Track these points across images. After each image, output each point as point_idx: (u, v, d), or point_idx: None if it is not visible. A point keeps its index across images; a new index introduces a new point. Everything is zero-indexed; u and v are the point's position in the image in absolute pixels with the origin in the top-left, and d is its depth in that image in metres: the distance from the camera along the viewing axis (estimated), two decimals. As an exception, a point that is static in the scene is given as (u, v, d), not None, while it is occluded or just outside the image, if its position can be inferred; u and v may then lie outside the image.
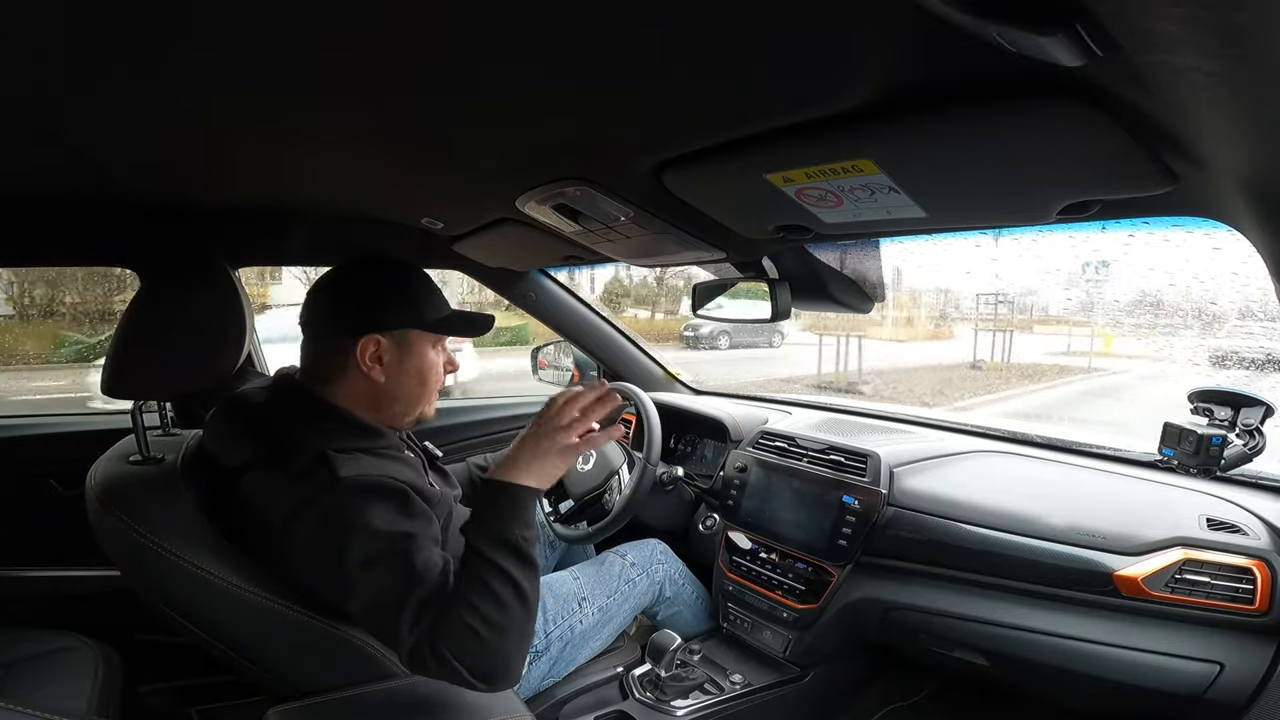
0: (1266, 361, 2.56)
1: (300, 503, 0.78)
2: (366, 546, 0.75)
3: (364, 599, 0.75)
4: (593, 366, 1.89)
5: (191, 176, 0.96)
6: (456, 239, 1.38)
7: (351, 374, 0.88)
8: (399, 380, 0.90)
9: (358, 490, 0.78)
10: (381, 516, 0.77)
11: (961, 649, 1.10)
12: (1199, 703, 0.89)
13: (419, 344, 0.91)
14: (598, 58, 0.50)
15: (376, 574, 0.75)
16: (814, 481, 1.26)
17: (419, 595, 0.73)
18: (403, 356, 0.89)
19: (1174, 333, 4.28)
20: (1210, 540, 0.92)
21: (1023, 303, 7.90)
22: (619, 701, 1.16)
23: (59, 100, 0.61)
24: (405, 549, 0.76)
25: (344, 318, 0.88)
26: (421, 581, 0.74)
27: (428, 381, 0.93)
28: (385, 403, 0.90)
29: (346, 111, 0.65)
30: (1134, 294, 5.00)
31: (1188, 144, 0.51)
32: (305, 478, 0.79)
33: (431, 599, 0.73)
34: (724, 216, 0.91)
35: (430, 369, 0.93)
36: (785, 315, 1.14)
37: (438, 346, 0.94)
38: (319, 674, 0.82)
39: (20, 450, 1.37)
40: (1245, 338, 2.69)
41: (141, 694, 1.27)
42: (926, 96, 0.52)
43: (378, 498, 0.79)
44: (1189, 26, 0.31)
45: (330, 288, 0.90)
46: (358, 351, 0.86)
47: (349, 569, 0.75)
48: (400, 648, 0.73)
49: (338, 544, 0.76)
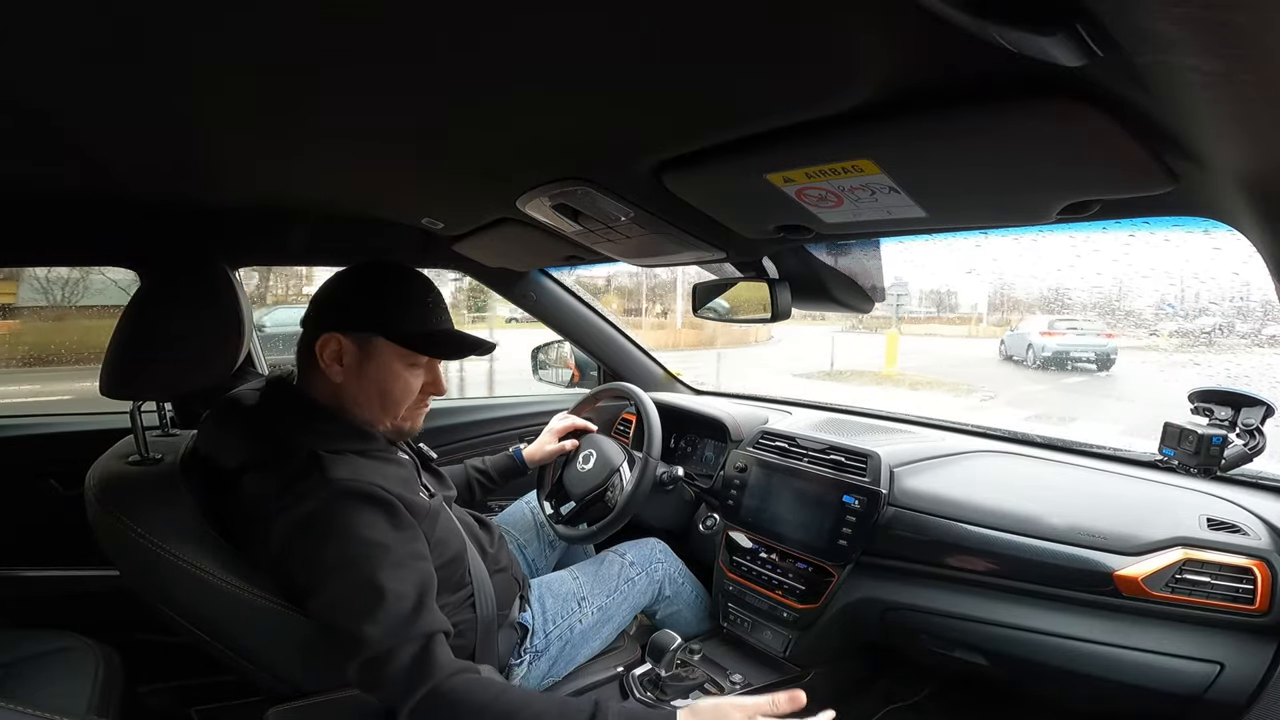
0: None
1: (289, 501, 0.78)
2: (342, 550, 0.75)
3: (325, 599, 0.75)
4: (593, 366, 1.90)
5: (191, 176, 0.96)
6: (457, 239, 1.38)
7: (315, 371, 0.87)
8: (356, 385, 0.87)
9: (344, 494, 0.78)
10: (364, 524, 0.77)
11: (961, 649, 1.10)
12: (1199, 703, 0.89)
13: (384, 354, 0.87)
14: (598, 58, 0.50)
15: (345, 579, 0.75)
16: (814, 481, 1.26)
17: (383, 610, 0.73)
18: (363, 361, 0.87)
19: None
20: (1210, 540, 0.92)
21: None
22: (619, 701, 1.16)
23: (59, 100, 0.61)
24: (379, 561, 0.75)
25: (315, 312, 0.89)
26: (384, 598, 0.73)
27: (390, 394, 0.88)
28: (348, 405, 0.88)
29: (347, 112, 0.65)
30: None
31: (1188, 144, 0.51)
32: (298, 478, 0.80)
33: (394, 621, 0.73)
34: (724, 216, 0.91)
35: (394, 383, 0.88)
36: (785, 315, 1.14)
37: (414, 367, 0.89)
38: (319, 674, 0.82)
39: (20, 450, 1.37)
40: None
41: (141, 694, 1.27)
42: (927, 96, 0.52)
43: (364, 505, 0.79)
44: (1189, 26, 0.31)
45: (322, 287, 0.91)
46: (317, 349, 0.86)
47: (319, 569, 0.75)
48: (351, 659, 0.73)
49: (314, 543, 0.76)
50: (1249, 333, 3.92)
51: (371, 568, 0.75)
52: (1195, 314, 4.60)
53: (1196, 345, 4.77)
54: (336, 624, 0.74)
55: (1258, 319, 3.48)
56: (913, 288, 10.46)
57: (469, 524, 1.05)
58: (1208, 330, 4.32)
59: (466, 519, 1.06)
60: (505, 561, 1.11)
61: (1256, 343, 3.86)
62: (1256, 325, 3.71)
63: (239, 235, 1.28)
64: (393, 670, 0.72)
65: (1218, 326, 4.26)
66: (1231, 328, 4.09)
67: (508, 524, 1.38)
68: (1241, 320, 3.95)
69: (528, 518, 1.40)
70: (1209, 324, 4.38)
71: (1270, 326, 3.39)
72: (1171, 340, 6.16)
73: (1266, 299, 1.15)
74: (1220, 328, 4.20)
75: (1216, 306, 4.27)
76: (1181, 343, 5.78)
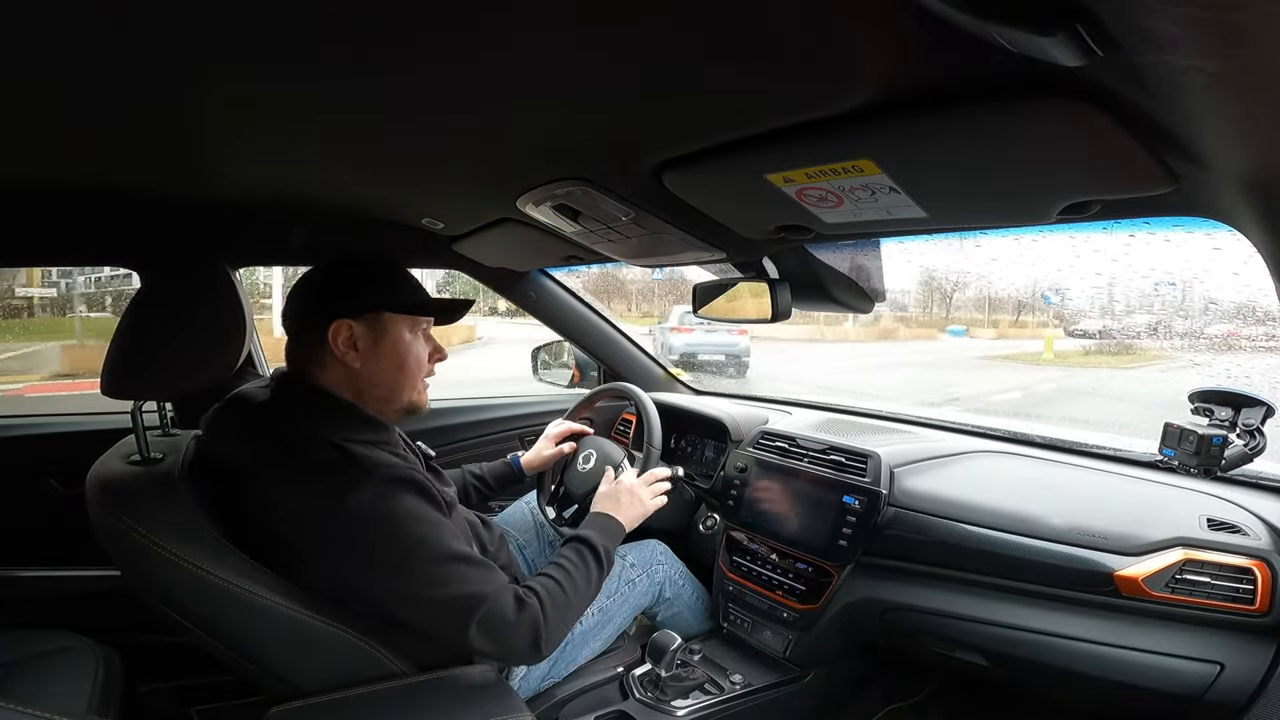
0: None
1: (324, 494, 0.79)
2: (412, 533, 0.80)
3: (415, 583, 0.80)
4: (593, 366, 1.89)
5: (191, 176, 0.96)
6: (457, 239, 1.38)
7: (330, 363, 0.89)
8: (375, 365, 0.90)
9: (392, 480, 0.81)
10: (418, 505, 0.82)
11: (962, 649, 1.10)
12: (1199, 703, 0.89)
13: (393, 327, 0.91)
14: (597, 58, 0.50)
15: (425, 557, 0.80)
16: (814, 482, 1.26)
17: (470, 567, 0.82)
18: (377, 339, 0.90)
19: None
20: (1211, 540, 0.92)
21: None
22: (619, 701, 1.16)
23: (59, 99, 0.61)
24: (445, 532, 0.83)
25: (316, 307, 0.89)
26: (468, 558, 0.83)
27: (407, 365, 0.92)
28: (367, 389, 0.90)
29: (347, 112, 0.65)
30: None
31: (1188, 144, 0.51)
32: (327, 470, 0.80)
33: (483, 572, 0.83)
34: (724, 216, 0.91)
35: (408, 352, 0.92)
36: (785, 315, 1.14)
37: (416, 331, 0.94)
38: (319, 674, 0.82)
39: (20, 450, 1.37)
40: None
41: (141, 694, 1.28)
42: (927, 96, 0.52)
43: (411, 488, 0.82)
44: (1189, 26, 0.31)
45: (305, 283, 0.92)
46: (330, 337, 0.87)
47: (394, 557, 0.79)
48: (470, 621, 0.80)
49: (380, 532, 0.79)
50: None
51: (442, 539, 0.82)
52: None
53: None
54: (434, 598, 0.80)
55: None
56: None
57: (471, 522, 1.05)
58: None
59: (469, 517, 1.06)
60: (505, 561, 1.11)
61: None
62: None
63: (239, 235, 1.28)
64: (508, 609, 0.82)
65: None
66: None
67: (508, 524, 1.38)
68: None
69: (528, 518, 1.40)
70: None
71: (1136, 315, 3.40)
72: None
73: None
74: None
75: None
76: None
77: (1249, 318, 2.52)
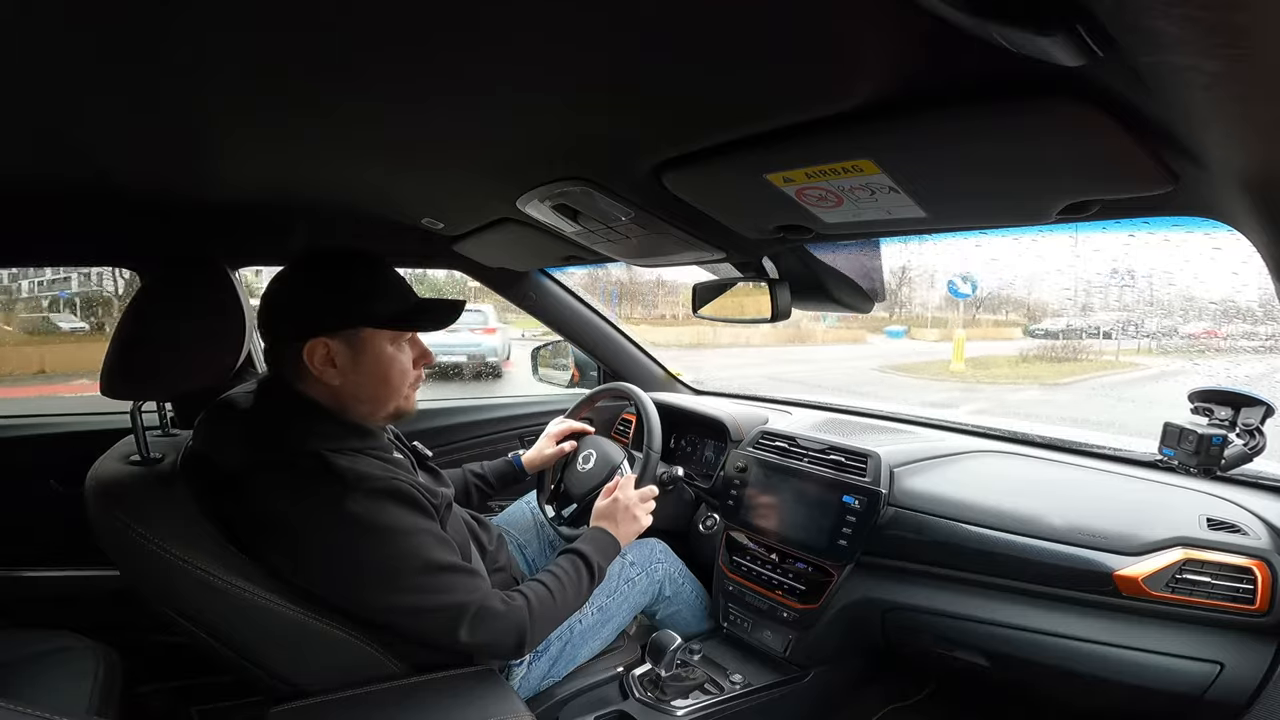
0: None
1: (313, 508, 0.79)
2: (395, 546, 0.80)
3: (404, 594, 0.80)
4: (593, 366, 1.89)
5: (191, 176, 0.96)
6: (457, 239, 1.38)
7: (309, 378, 0.85)
8: (356, 381, 0.85)
9: (375, 493, 0.80)
10: (403, 516, 0.82)
11: (962, 649, 1.10)
12: (1199, 703, 0.89)
13: (373, 341, 0.86)
14: (597, 58, 0.50)
15: (410, 567, 0.80)
16: (814, 481, 1.26)
17: (454, 576, 0.83)
18: (356, 356, 0.85)
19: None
20: (1210, 540, 0.92)
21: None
22: (619, 701, 1.16)
23: (59, 99, 0.61)
24: (429, 542, 0.83)
25: (286, 323, 0.85)
26: (453, 567, 0.84)
27: (390, 379, 0.88)
28: (350, 403, 0.87)
29: (346, 112, 0.65)
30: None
31: (1188, 144, 0.51)
32: (312, 482, 0.80)
33: (468, 579, 0.85)
34: (724, 216, 0.91)
35: (390, 366, 0.87)
36: (785, 315, 1.14)
37: (399, 342, 0.88)
38: (319, 674, 0.82)
39: (20, 450, 1.37)
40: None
41: (141, 694, 1.28)
42: (927, 96, 0.52)
43: (395, 499, 0.82)
44: (1189, 26, 0.31)
45: (276, 292, 0.86)
46: (306, 356, 0.83)
47: (381, 570, 0.79)
48: (458, 627, 0.81)
49: (365, 546, 0.79)
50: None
51: (426, 550, 0.82)
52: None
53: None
54: (422, 607, 0.81)
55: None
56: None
57: (468, 523, 1.05)
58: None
59: (466, 518, 1.06)
60: (504, 561, 1.11)
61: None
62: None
63: (239, 235, 1.28)
64: (494, 612, 0.84)
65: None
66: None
67: (507, 524, 1.38)
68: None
69: (527, 518, 1.40)
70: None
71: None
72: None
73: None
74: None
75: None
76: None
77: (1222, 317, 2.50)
